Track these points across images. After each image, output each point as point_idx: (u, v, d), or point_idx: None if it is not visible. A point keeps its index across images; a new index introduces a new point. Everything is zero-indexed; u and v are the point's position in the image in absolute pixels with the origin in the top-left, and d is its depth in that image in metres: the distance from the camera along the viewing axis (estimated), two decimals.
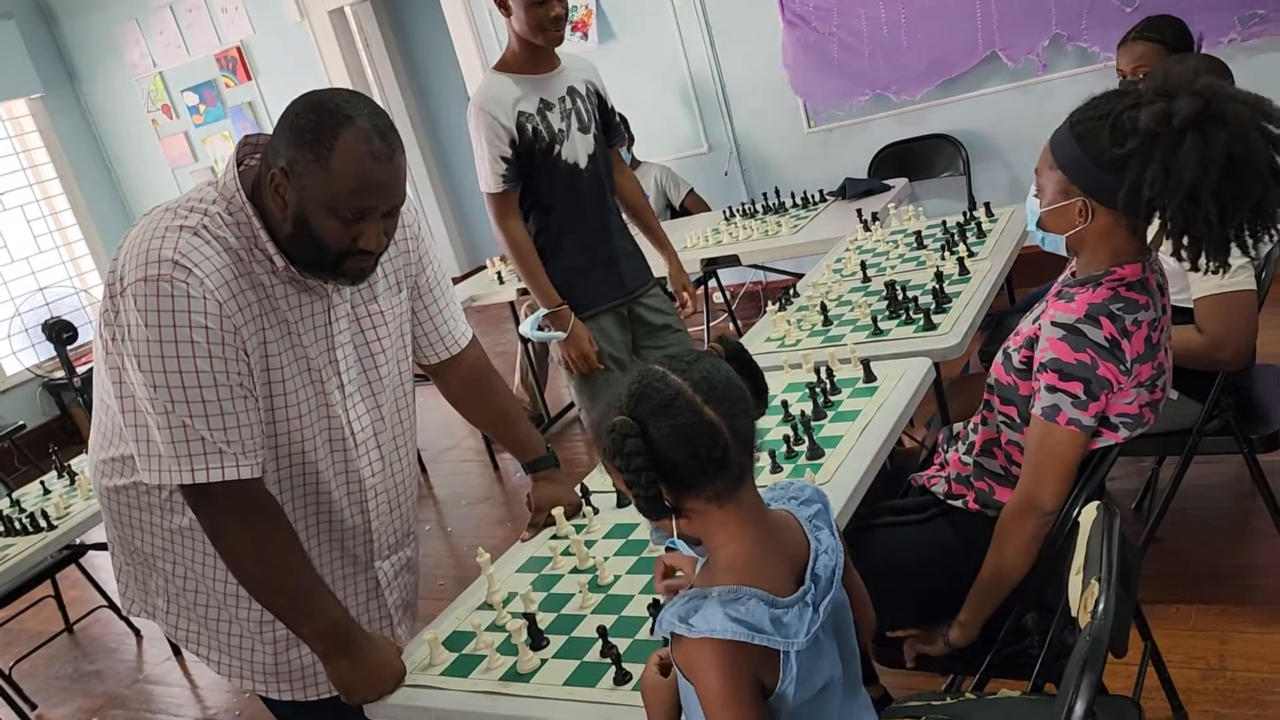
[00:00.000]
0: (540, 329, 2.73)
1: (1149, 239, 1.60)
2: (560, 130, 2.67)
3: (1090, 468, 1.63)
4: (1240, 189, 1.42)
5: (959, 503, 1.77)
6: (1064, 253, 1.64)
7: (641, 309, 2.86)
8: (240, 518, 1.50)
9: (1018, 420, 1.66)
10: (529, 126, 2.63)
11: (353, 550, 1.73)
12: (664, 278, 3.01)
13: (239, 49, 6.20)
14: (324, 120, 1.40)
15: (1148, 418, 1.62)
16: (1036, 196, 1.64)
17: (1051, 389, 1.55)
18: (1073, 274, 1.66)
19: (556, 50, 2.70)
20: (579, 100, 2.72)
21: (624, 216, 2.92)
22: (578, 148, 2.71)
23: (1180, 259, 1.53)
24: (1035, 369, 1.60)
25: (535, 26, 2.57)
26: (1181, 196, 1.42)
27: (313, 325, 1.58)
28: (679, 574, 1.30)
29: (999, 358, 1.72)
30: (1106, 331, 1.52)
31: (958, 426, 1.90)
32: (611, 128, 2.84)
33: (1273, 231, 1.48)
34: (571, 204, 2.73)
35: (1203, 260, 1.49)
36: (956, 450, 1.83)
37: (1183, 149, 1.41)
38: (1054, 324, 1.56)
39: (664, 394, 1.10)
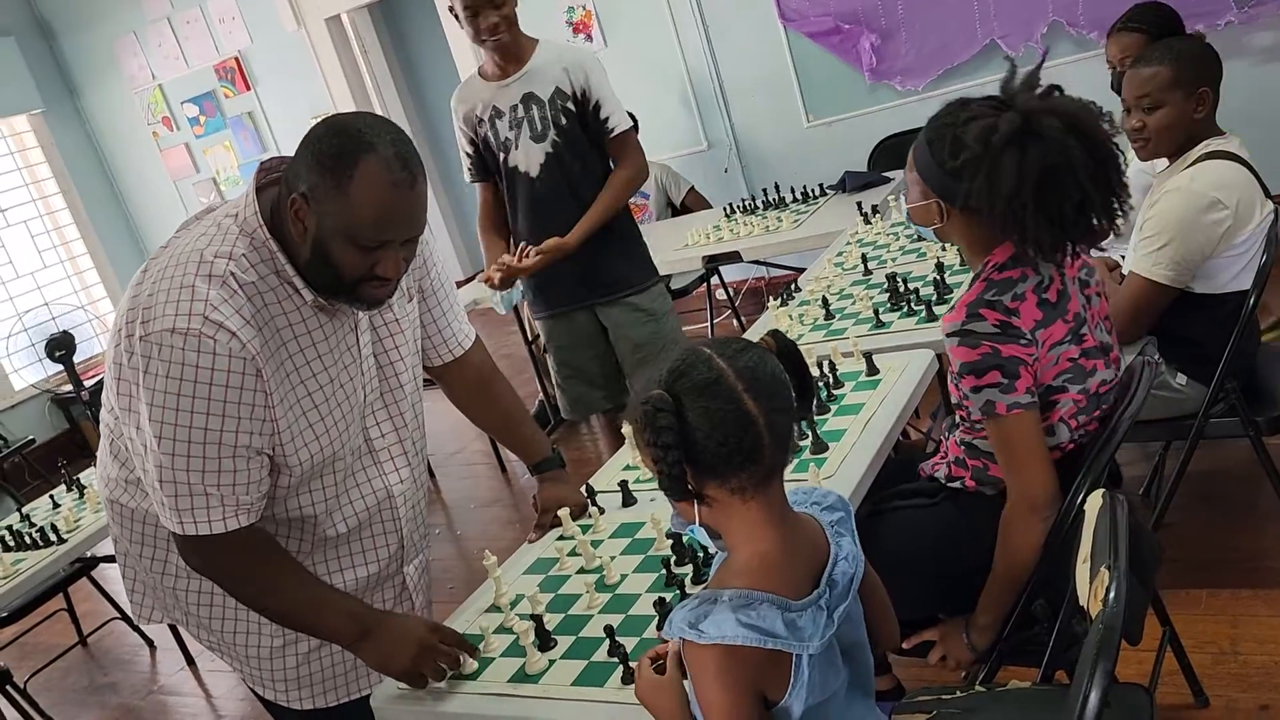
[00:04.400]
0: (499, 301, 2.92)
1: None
2: (507, 139, 2.76)
3: (1093, 454, 1.63)
4: (1059, 195, 1.53)
5: (958, 484, 1.78)
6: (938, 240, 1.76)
7: (618, 311, 2.87)
8: (223, 560, 1.52)
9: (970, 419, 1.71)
10: (480, 132, 2.78)
11: (381, 558, 1.73)
12: (661, 278, 3.03)
13: (237, 59, 6.21)
14: (346, 146, 1.38)
15: (1093, 366, 1.65)
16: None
17: (976, 389, 1.60)
18: None
19: (544, 48, 2.74)
20: (535, 108, 2.72)
21: (624, 213, 2.91)
22: (528, 156, 2.76)
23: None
24: (950, 381, 1.67)
25: (474, 37, 2.68)
26: (1003, 203, 1.54)
27: (342, 348, 1.58)
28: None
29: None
30: (993, 320, 1.58)
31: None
32: (599, 129, 2.77)
33: (1100, 224, 1.59)
34: (529, 210, 2.82)
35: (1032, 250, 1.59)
36: (954, 436, 1.83)
37: (1002, 163, 1.53)
38: (948, 335, 1.63)
39: (705, 376, 1.10)
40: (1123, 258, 2.50)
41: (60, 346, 5.30)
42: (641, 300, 2.88)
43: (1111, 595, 1.15)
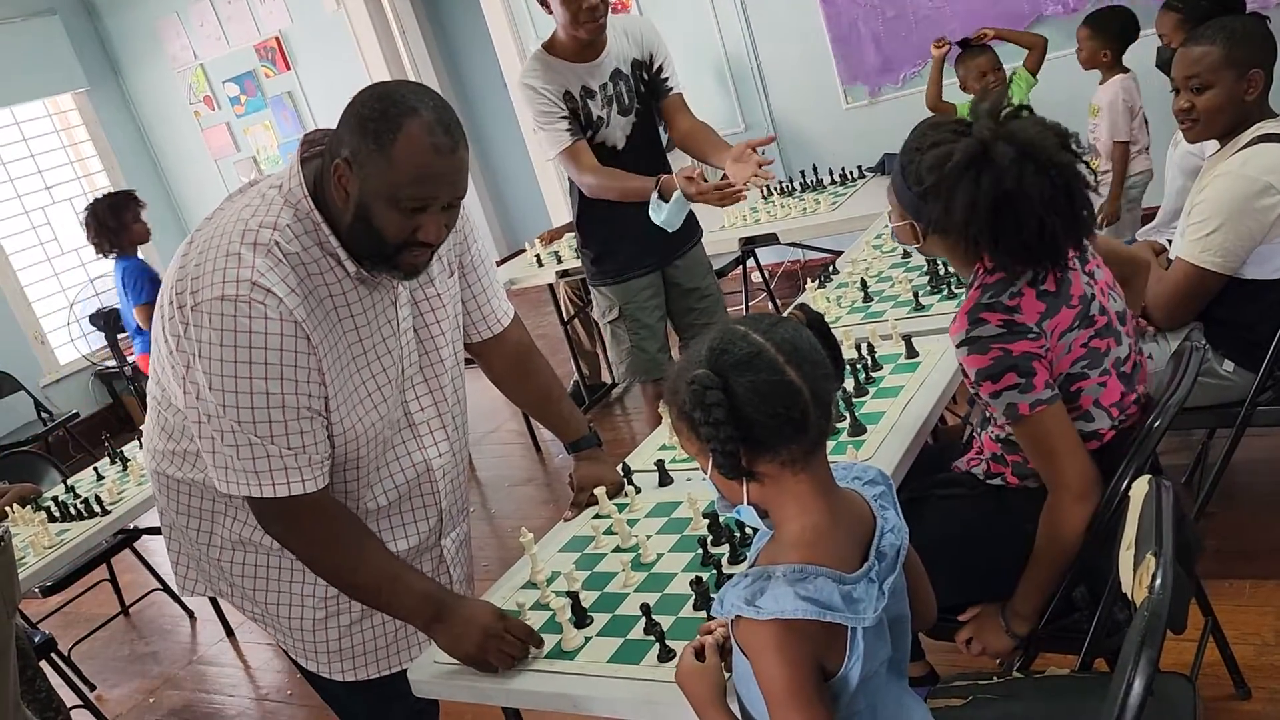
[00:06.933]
0: (660, 209, 2.74)
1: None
2: (600, 118, 2.75)
3: (1139, 440, 1.61)
4: (1013, 221, 1.52)
5: (998, 480, 1.76)
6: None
7: (675, 271, 2.95)
8: (307, 526, 1.53)
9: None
10: (571, 108, 2.72)
11: (420, 531, 1.74)
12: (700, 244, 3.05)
13: (278, 39, 6.25)
14: (388, 110, 1.40)
15: (1107, 345, 1.63)
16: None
17: (995, 395, 1.58)
18: None
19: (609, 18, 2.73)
20: (622, 83, 2.77)
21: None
22: (616, 131, 2.79)
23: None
24: (972, 392, 1.66)
25: (572, 20, 2.63)
26: (959, 230, 1.56)
27: (382, 320, 1.59)
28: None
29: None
30: (995, 322, 1.57)
31: None
32: (658, 88, 2.86)
33: (1068, 257, 1.58)
34: None
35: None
36: (988, 432, 1.81)
37: (956, 191, 1.54)
38: (957, 346, 1.62)
39: (745, 350, 1.10)
40: (1169, 242, 2.46)
41: (114, 319, 5.46)
42: (699, 251, 3.01)
43: (1158, 582, 1.13)
